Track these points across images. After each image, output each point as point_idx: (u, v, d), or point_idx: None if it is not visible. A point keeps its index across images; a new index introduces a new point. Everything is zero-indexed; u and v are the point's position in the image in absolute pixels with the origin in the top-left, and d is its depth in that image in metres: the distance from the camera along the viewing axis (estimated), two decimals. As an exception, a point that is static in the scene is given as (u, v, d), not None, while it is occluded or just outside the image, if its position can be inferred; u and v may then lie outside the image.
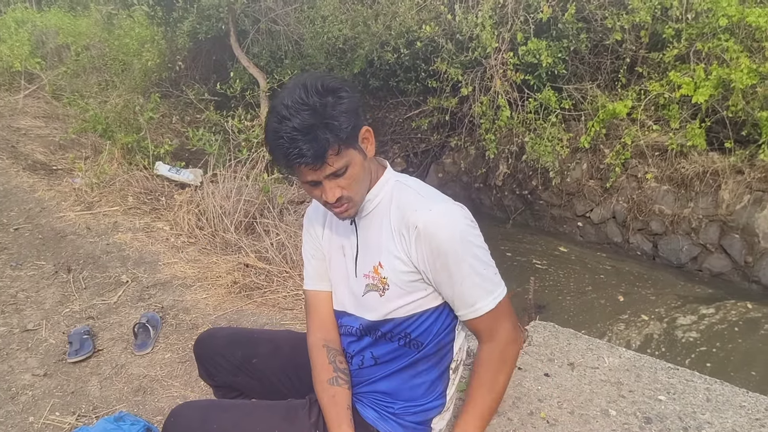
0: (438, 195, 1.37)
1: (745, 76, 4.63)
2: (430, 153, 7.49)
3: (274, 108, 1.23)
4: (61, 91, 7.56)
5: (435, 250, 1.27)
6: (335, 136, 1.19)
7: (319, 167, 1.21)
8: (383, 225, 1.36)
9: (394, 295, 1.35)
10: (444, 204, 1.32)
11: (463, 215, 1.32)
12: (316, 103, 1.18)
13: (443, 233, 1.26)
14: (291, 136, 1.18)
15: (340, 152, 1.21)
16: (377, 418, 1.47)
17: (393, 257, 1.33)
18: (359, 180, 1.30)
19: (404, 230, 1.31)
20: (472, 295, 1.31)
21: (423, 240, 1.27)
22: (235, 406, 1.46)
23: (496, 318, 1.33)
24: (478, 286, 1.30)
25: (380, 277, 1.36)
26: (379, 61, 6.84)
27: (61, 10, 10.96)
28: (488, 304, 1.31)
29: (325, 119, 1.18)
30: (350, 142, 1.24)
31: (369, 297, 1.39)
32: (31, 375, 2.49)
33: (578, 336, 2.54)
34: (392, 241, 1.33)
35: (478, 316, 1.32)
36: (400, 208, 1.33)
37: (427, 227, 1.27)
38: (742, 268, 4.95)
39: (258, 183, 4.30)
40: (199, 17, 6.74)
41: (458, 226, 1.28)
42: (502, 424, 2.02)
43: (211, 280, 3.38)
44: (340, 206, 1.31)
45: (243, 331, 1.86)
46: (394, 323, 1.38)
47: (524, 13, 5.82)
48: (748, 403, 2.15)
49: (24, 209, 4.31)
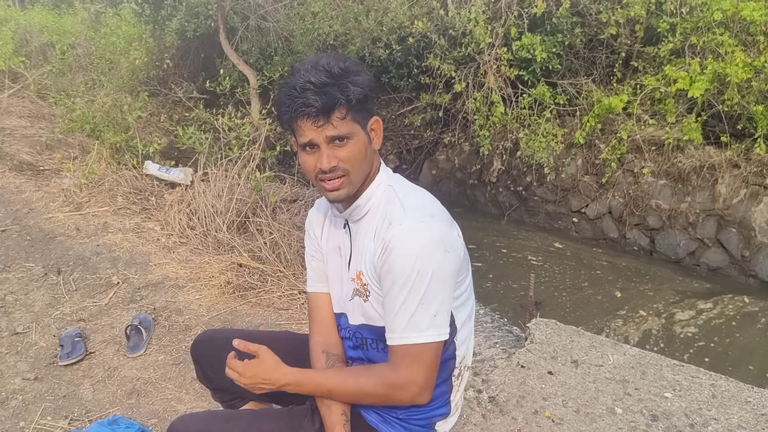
0: (423, 207, 1.29)
1: (740, 70, 4.62)
2: (424, 150, 7.44)
3: (293, 67, 1.26)
4: (47, 91, 7.43)
5: (387, 265, 1.23)
6: (346, 98, 1.20)
7: (322, 124, 1.20)
8: (369, 232, 1.33)
9: (375, 302, 1.32)
10: (419, 222, 1.24)
11: (434, 240, 1.23)
12: (335, 70, 1.21)
13: (399, 252, 1.22)
14: (304, 86, 1.19)
15: (346, 118, 1.21)
16: (381, 422, 1.44)
17: (371, 264, 1.31)
18: (359, 159, 1.26)
19: (377, 238, 1.28)
20: (394, 323, 1.25)
21: (384, 251, 1.24)
22: (235, 417, 1.43)
23: (406, 357, 1.25)
24: (402, 319, 1.24)
25: (362, 284, 1.34)
26: (371, 58, 6.77)
27: (45, 8, 10.80)
28: (405, 338, 1.24)
29: (340, 82, 1.20)
30: (359, 115, 1.24)
31: (355, 301, 1.38)
32: (22, 379, 2.44)
33: (581, 333, 2.50)
34: (371, 247, 1.31)
35: (393, 344, 1.26)
36: (382, 216, 1.30)
37: (391, 240, 1.23)
38: (739, 263, 4.94)
39: (250, 182, 4.23)
40: (187, 15, 6.67)
41: (420, 251, 1.21)
42: (507, 424, 1.97)
43: (204, 281, 3.32)
44: (333, 178, 1.26)
45: (242, 333, 1.83)
46: (381, 332, 1.34)
47: (518, 8, 5.78)
48: (754, 399, 2.12)
49: (11, 210, 4.22)
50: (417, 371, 1.26)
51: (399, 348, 1.25)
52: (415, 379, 1.26)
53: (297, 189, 4.51)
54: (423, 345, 1.24)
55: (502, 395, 2.10)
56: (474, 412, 2.01)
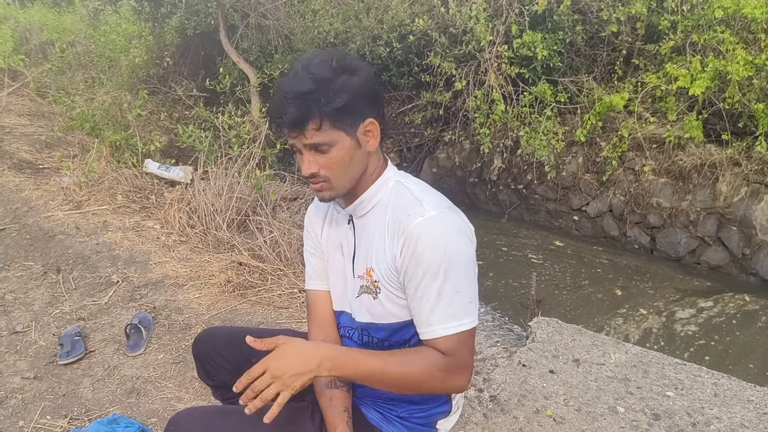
0: (438, 200, 1.29)
1: (741, 67, 4.61)
2: (424, 148, 7.43)
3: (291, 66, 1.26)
4: (46, 89, 7.41)
5: (415, 257, 1.21)
6: (321, 110, 1.17)
7: (296, 135, 1.21)
8: (378, 226, 1.32)
9: (386, 299, 1.31)
10: (440, 212, 1.24)
11: (457, 229, 1.24)
12: (323, 75, 1.18)
13: (428, 242, 1.20)
14: (285, 95, 1.19)
15: (321, 128, 1.19)
16: (381, 419, 1.45)
17: (384, 260, 1.29)
18: (341, 166, 1.25)
19: (396, 232, 1.26)
20: (432, 316, 1.23)
21: (408, 243, 1.22)
22: (236, 412, 1.42)
23: (454, 345, 1.24)
24: (440, 310, 1.22)
25: (372, 280, 1.32)
26: (371, 56, 6.76)
27: (44, 6, 10.77)
28: (448, 329, 1.23)
29: (319, 91, 1.17)
30: (339, 123, 1.21)
31: (363, 298, 1.36)
32: (21, 378, 2.42)
33: (582, 332, 2.49)
34: (385, 243, 1.29)
35: (433, 337, 1.24)
36: (396, 210, 1.29)
37: (415, 232, 1.21)
38: (739, 261, 4.93)
39: (250, 180, 4.22)
40: (187, 12, 6.65)
41: (447, 240, 1.22)
42: (508, 423, 1.97)
43: (204, 279, 3.30)
44: (315, 183, 1.28)
45: (242, 330, 1.83)
46: (390, 329, 1.34)
47: (519, 5, 5.77)
48: (756, 398, 2.11)
49: (10, 209, 4.21)
50: (468, 357, 1.25)
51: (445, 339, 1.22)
52: (468, 364, 1.26)
53: (297, 187, 4.50)
54: (466, 333, 1.23)
55: (504, 394, 2.10)
56: (475, 411, 2.01)
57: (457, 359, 1.23)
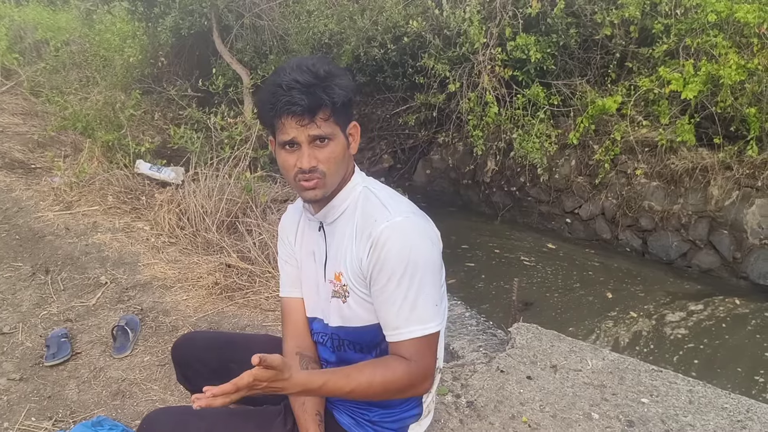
0: (403, 206, 1.32)
1: (733, 72, 4.62)
2: (418, 149, 7.44)
3: (278, 68, 1.26)
4: (40, 88, 7.40)
5: (381, 262, 1.24)
6: (331, 99, 1.22)
7: (306, 123, 1.22)
8: (347, 232, 1.35)
9: (354, 303, 1.34)
10: (405, 217, 1.27)
11: (423, 234, 1.28)
12: (320, 72, 1.22)
13: (393, 247, 1.24)
14: (290, 84, 1.20)
15: (329, 120, 1.23)
16: (353, 425, 1.47)
17: (351, 265, 1.32)
18: (337, 162, 1.28)
19: (363, 237, 1.29)
20: (397, 319, 1.26)
21: (374, 248, 1.25)
22: (211, 414, 1.43)
23: (420, 348, 1.26)
24: (406, 313, 1.25)
25: (341, 284, 1.35)
26: (366, 57, 6.76)
27: (39, 4, 10.77)
28: (413, 332, 1.25)
29: (325, 83, 1.22)
30: (341, 119, 1.26)
31: (333, 303, 1.39)
32: (6, 379, 2.44)
33: (561, 338, 2.51)
34: (352, 247, 1.32)
35: (399, 340, 1.27)
36: (364, 215, 1.32)
37: (381, 237, 1.24)
38: (730, 264, 4.94)
39: (240, 182, 4.23)
40: (181, 12, 6.64)
41: (413, 244, 1.25)
42: (483, 428, 1.98)
43: (192, 281, 3.32)
44: (311, 179, 1.27)
45: (221, 335, 1.85)
46: (361, 332, 1.37)
47: (513, 8, 5.78)
48: (730, 405, 2.13)
49: (0, 209, 4.22)
50: (431, 361, 1.29)
51: (410, 342, 1.26)
52: (431, 367, 1.29)
53: (287, 189, 4.50)
54: (432, 335, 1.27)
55: (480, 400, 2.11)
56: (451, 417, 2.02)
57: (420, 364, 1.26)
